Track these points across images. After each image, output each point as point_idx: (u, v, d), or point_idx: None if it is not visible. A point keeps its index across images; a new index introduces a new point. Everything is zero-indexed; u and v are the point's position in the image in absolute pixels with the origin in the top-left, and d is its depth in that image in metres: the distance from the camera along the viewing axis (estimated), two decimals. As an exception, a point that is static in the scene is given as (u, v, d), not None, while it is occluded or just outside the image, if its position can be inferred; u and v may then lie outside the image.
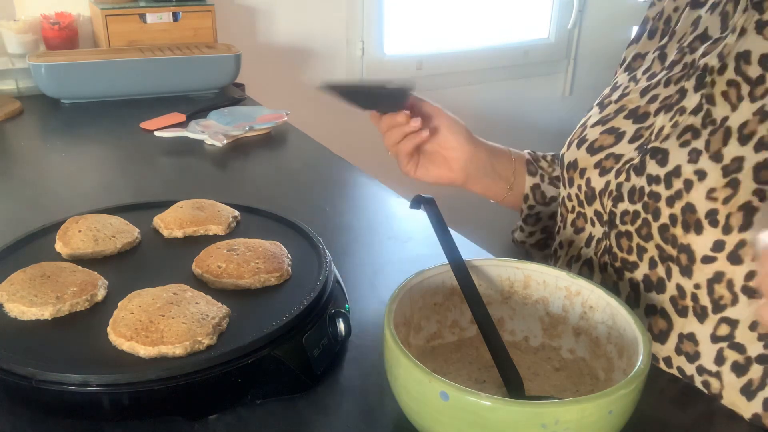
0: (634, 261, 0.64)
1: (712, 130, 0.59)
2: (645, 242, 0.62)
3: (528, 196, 0.83)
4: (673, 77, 0.66)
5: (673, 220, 0.59)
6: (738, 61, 0.60)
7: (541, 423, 0.40)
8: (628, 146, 0.66)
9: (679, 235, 0.59)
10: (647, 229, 0.62)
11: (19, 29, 1.37)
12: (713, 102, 0.60)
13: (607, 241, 0.67)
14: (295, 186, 0.97)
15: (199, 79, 1.36)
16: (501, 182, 0.82)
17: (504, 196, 0.84)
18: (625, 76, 0.74)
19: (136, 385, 0.46)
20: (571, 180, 0.71)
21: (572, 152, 0.72)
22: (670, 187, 0.60)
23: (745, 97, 0.58)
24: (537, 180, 0.83)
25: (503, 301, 0.57)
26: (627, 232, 0.64)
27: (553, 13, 2.36)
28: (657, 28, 0.74)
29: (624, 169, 0.65)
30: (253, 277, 0.58)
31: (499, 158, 0.82)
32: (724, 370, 0.59)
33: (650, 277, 0.63)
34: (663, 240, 0.60)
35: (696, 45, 0.66)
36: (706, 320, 0.59)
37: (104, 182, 0.98)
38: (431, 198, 0.60)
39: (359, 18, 1.96)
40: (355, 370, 0.56)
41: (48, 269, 0.57)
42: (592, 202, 0.69)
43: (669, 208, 0.60)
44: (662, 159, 0.61)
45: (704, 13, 0.67)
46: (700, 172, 0.58)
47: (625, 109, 0.69)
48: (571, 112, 2.51)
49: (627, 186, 0.64)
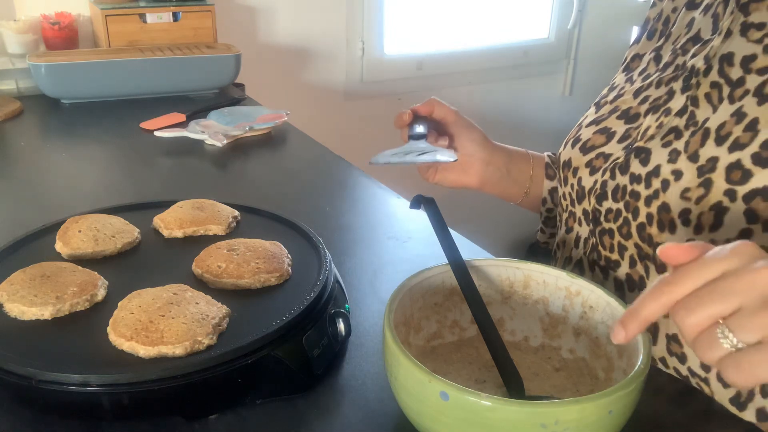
0: (617, 259, 0.64)
1: (693, 131, 0.59)
2: (625, 240, 0.63)
3: (546, 199, 0.84)
4: (664, 78, 0.66)
5: (650, 219, 0.60)
6: (722, 63, 0.60)
7: (541, 423, 0.40)
8: (617, 146, 0.67)
9: (655, 234, 0.59)
10: (627, 228, 0.62)
11: (19, 29, 1.37)
12: (697, 104, 0.60)
13: (594, 238, 0.67)
14: (295, 186, 0.97)
15: (199, 79, 1.36)
16: (517, 186, 0.83)
17: (521, 200, 0.84)
18: (622, 77, 0.75)
19: (136, 385, 0.46)
20: (566, 179, 0.72)
21: (567, 151, 0.72)
22: (649, 186, 0.60)
23: (725, 99, 0.58)
24: (555, 184, 0.83)
25: (503, 301, 0.57)
26: (609, 230, 0.65)
27: (553, 13, 2.36)
28: (656, 29, 0.74)
29: (609, 167, 0.66)
30: (253, 277, 0.58)
31: (516, 163, 0.83)
32: (711, 377, 0.58)
33: (632, 276, 0.63)
34: (641, 239, 0.61)
35: (688, 46, 0.66)
36: None
37: (104, 182, 0.98)
38: (431, 198, 0.60)
39: (359, 18, 1.96)
40: (355, 370, 0.56)
41: (48, 269, 0.57)
42: (582, 200, 0.69)
43: (647, 207, 0.60)
44: (645, 158, 0.62)
45: (698, 15, 0.67)
46: (677, 172, 0.58)
47: (619, 110, 0.69)
48: (571, 112, 2.51)
49: (611, 184, 0.65)
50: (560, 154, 0.74)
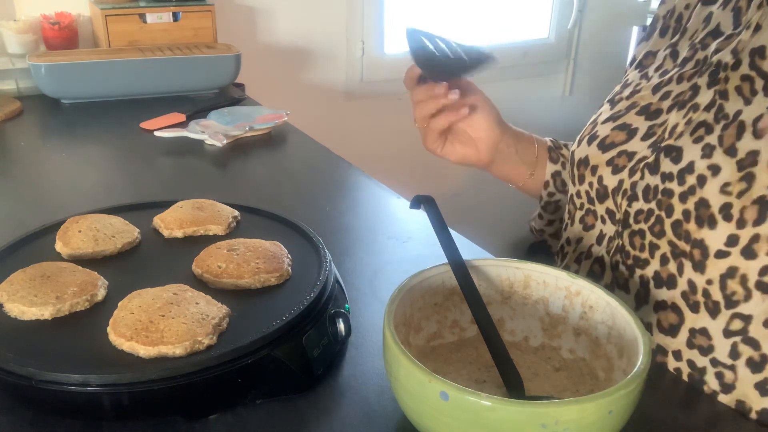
0: (646, 258, 0.64)
1: (725, 125, 0.59)
2: (657, 239, 0.62)
3: (548, 182, 0.83)
4: (686, 74, 0.66)
5: (687, 215, 0.59)
6: (752, 57, 0.59)
7: (541, 423, 0.40)
8: (641, 144, 0.66)
9: (693, 230, 0.58)
10: (660, 226, 0.62)
11: (19, 29, 1.37)
12: (726, 97, 0.60)
13: (620, 240, 0.67)
14: (295, 186, 0.97)
15: (199, 79, 1.36)
16: (523, 167, 0.83)
17: (525, 181, 0.84)
18: (636, 74, 0.74)
19: (136, 385, 0.46)
20: (582, 177, 0.71)
21: (583, 149, 0.71)
22: (683, 183, 0.60)
23: (759, 92, 0.58)
24: (558, 167, 0.83)
25: (503, 301, 0.57)
26: (640, 231, 0.64)
27: (553, 13, 2.36)
28: (668, 26, 0.74)
29: (638, 167, 0.65)
30: (253, 277, 0.58)
31: (523, 143, 0.83)
32: (739, 364, 0.58)
33: (660, 274, 0.62)
34: (676, 236, 0.60)
35: (708, 41, 0.66)
36: (718, 315, 0.58)
37: (104, 182, 0.98)
38: (431, 198, 0.60)
39: (359, 18, 1.96)
40: (355, 370, 0.56)
41: (48, 269, 0.57)
42: (604, 200, 0.69)
43: (682, 204, 0.59)
44: (676, 156, 0.61)
45: (716, 10, 0.67)
46: (714, 167, 0.58)
47: (637, 106, 0.69)
48: (571, 112, 2.51)
49: (641, 185, 0.64)
50: (574, 151, 0.73)
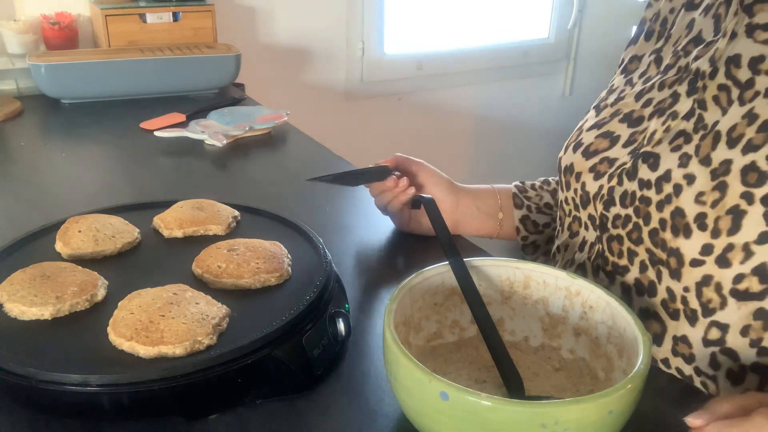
0: (625, 265, 0.64)
1: (702, 135, 0.59)
2: (635, 246, 0.62)
3: (519, 228, 0.84)
4: (667, 81, 0.66)
5: (663, 224, 0.59)
6: (728, 65, 0.59)
7: (541, 423, 0.40)
8: (621, 150, 0.66)
9: (669, 239, 0.59)
10: (638, 233, 0.62)
11: (19, 29, 1.37)
12: (705, 107, 0.60)
13: (600, 245, 0.67)
14: (295, 186, 0.97)
15: (199, 79, 1.36)
16: (490, 221, 0.83)
17: (497, 233, 0.85)
18: (621, 79, 0.74)
19: (136, 385, 0.46)
20: (568, 184, 0.72)
21: (569, 156, 0.72)
22: (661, 191, 0.60)
23: (734, 101, 0.58)
24: (524, 212, 0.84)
25: (503, 301, 0.57)
26: (618, 236, 0.64)
27: (553, 13, 2.36)
28: (653, 30, 0.74)
29: (616, 173, 0.65)
30: (253, 277, 0.58)
31: (483, 199, 0.83)
32: (719, 375, 0.58)
33: (641, 281, 0.63)
34: (653, 244, 0.60)
35: (690, 48, 0.65)
36: (696, 323, 0.59)
37: (104, 182, 0.98)
38: (431, 198, 0.60)
39: (359, 18, 1.96)
40: (355, 370, 0.56)
41: (48, 269, 0.57)
42: (587, 206, 0.69)
43: (659, 212, 0.60)
44: (654, 163, 0.61)
45: (698, 16, 0.67)
46: (689, 176, 0.58)
47: (621, 113, 0.69)
48: (571, 112, 2.51)
49: (619, 190, 0.64)
50: (561, 158, 0.74)
